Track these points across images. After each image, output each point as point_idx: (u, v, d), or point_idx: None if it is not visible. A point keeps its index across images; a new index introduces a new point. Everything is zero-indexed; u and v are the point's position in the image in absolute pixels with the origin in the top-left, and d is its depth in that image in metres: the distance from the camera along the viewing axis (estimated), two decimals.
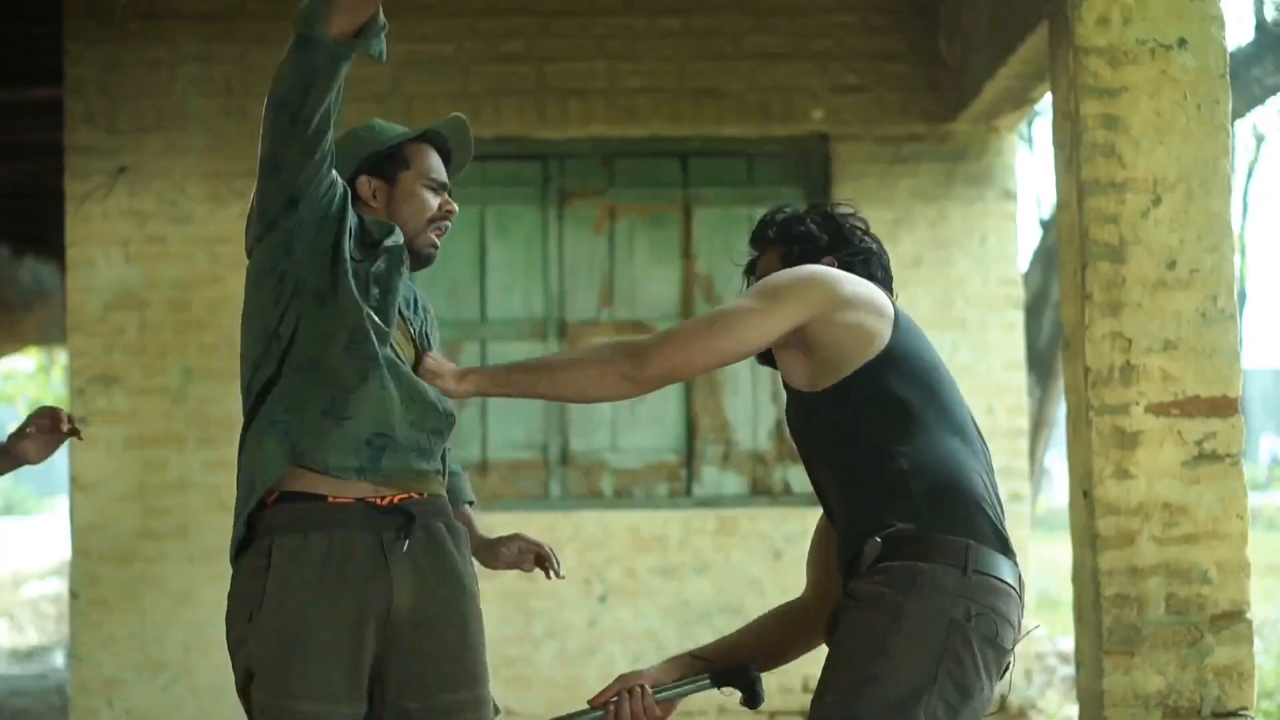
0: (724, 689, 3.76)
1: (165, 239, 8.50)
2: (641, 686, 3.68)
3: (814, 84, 8.72)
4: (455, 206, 3.85)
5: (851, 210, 3.86)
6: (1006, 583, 3.37)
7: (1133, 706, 5.54)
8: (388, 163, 3.80)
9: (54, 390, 23.85)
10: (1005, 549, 3.43)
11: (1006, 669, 3.41)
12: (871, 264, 3.76)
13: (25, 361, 25.78)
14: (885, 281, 3.78)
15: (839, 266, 3.69)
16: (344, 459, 3.58)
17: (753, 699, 3.72)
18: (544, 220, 8.83)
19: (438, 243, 3.82)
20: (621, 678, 3.72)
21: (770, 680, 3.81)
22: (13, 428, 3.95)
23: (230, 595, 3.63)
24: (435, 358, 3.74)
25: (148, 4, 8.49)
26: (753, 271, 3.87)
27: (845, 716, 3.29)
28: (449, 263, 8.70)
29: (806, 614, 3.83)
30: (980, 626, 3.29)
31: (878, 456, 3.45)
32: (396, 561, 3.57)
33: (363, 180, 3.78)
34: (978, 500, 3.43)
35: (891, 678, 3.26)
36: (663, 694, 3.72)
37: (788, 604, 3.92)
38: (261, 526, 3.58)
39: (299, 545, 3.54)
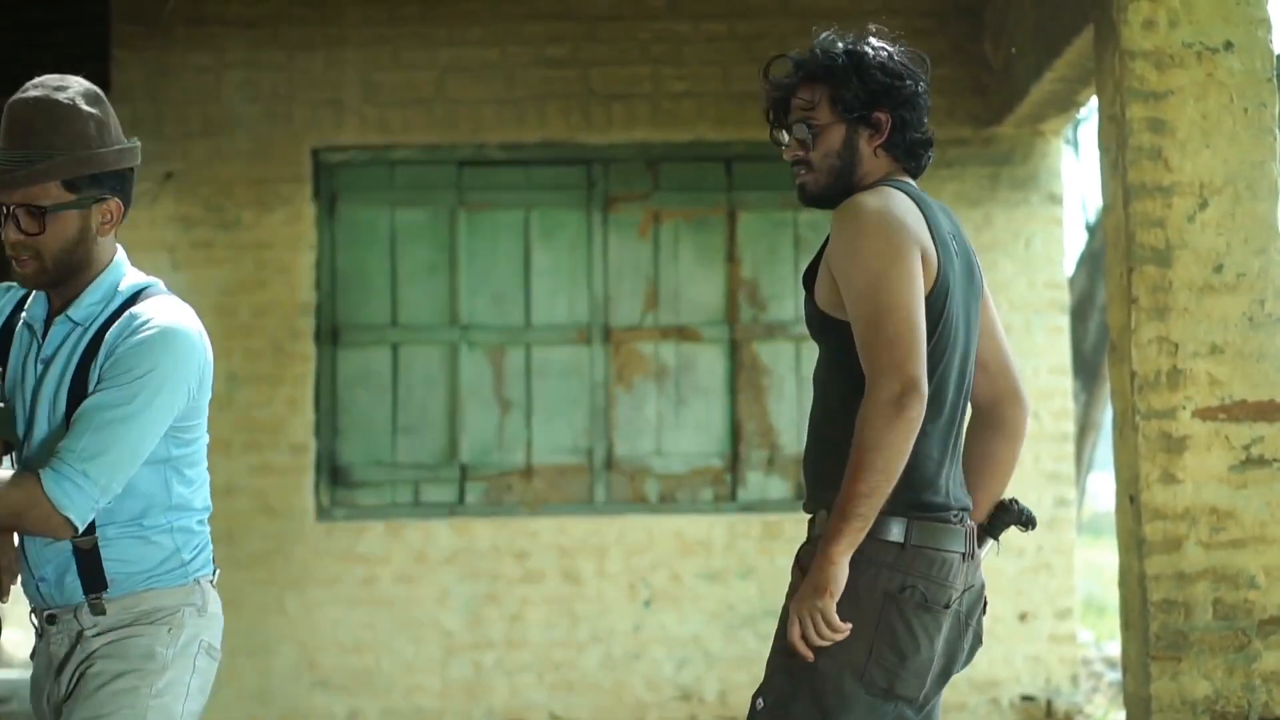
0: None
1: (211, 244, 8.54)
2: None
3: None
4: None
5: (888, 49, 3.85)
6: (945, 550, 3.43)
7: (1180, 712, 5.51)
8: None
9: None
10: (951, 513, 3.46)
11: (951, 610, 3.43)
12: (919, 107, 3.75)
13: None
14: (920, 121, 3.72)
15: (890, 119, 3.72)
16: None
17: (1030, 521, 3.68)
18: (588, 224, 8.83)
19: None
20: None
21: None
22: None
23: None
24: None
25: (194, 11, 8.53)
26: (787, 102, 3.85)
27: (802, 683, 3.39)
28: (494, 268, 8.73)
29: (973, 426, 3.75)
30: (914, 597, 3.39)
31: (843, 410, 3.43)
32: None
33: None
34: (929, 474, 3.44)
35: (834, 648, 3.36)
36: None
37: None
38: None
39: None
